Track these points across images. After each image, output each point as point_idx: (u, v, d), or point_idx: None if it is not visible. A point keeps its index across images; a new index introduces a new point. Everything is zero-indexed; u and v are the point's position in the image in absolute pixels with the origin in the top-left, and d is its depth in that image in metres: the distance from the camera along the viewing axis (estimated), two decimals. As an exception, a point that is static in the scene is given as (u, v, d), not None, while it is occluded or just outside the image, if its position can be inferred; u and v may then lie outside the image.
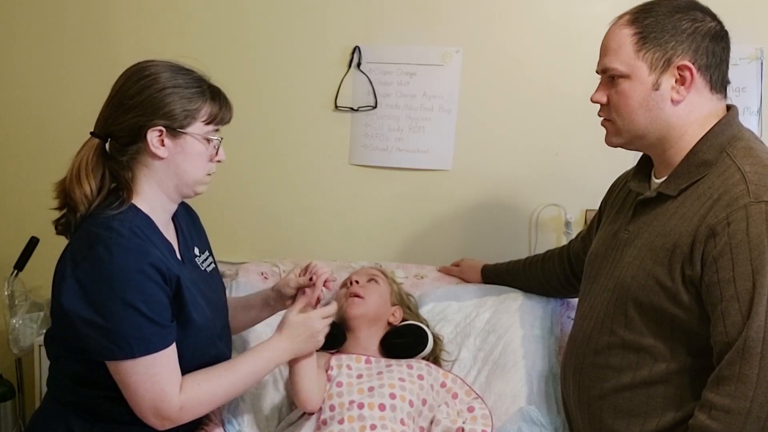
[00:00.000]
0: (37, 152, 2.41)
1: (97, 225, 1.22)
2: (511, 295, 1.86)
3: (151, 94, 1.25)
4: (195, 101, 1.29)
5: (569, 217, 2.13)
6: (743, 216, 1.16)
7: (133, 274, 1.19)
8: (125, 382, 1.22)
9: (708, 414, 1.15)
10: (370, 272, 1.82)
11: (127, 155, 1.27)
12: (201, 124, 1.29)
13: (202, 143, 1.30)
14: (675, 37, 1.26)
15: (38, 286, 2.37)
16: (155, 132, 1.25)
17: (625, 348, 1.32)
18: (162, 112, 1.25)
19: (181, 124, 1.27)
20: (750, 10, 2.01)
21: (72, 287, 1.18)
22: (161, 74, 1.28)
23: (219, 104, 1.33)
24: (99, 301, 1.18)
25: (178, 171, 1.29)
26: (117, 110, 1.27)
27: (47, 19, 2.35)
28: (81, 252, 1.21)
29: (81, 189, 1.24)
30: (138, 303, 1.18)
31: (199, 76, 1.34)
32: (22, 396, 2.29)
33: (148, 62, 1.31)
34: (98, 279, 1.18)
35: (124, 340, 1.18)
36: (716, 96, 1.31)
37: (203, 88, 1.31)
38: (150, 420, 1.25)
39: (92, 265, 1.18)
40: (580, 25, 2.06)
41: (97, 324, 1.18)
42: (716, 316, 1.17)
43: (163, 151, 1.26)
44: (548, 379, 1.65)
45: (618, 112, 1.32)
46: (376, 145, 2.21)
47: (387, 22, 2.18)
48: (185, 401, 1.26)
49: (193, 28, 2.28)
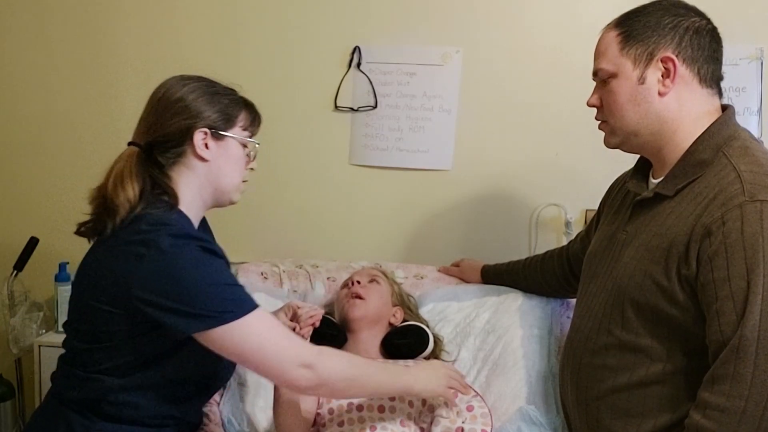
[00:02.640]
0: (37, 153, 2.41)
1: (150, 222, 1.25)
2: (510, 295, 1.86)
3: (196, 98, 1.33)
4: (233, 107, 1.38)
5: (569, 217, 2.13)
6: (738, 215, 1.16)
7: (201, 254, 1.23)
8: (246, 348, 1.23)
9: (703, 413, 1.14)
10: (371, 273, 1.82)
11: (170, 159, 1.33)
12: (239, 129, 1.38)
13: (241, 148, 1.39)
14: (657, 31, 1.29)
15: (38, 286, 2.37)
16: (201, 133, 1.32)
17: (622, 348, 1.32)
18: (206, 114, 1.33)
19: (223, 127, 1.35)
20: (750, 10, 2.01)
21: (146, 278, 1.20)
22: (201, 82, 1.37)
23: (253, 113, 1.43)
24: (180, 287, 1.20)
25: (219, 174, 1.36)
26: (163, 115, 1.33)
27: (48, 19, 2.36)
28: (142, 245, 1.22)
29: (124, 193, 1.26)
30: (217, 277, 1.23)
31: (233, 87, 1.42)
32: (22, 396, 2.29)
33: (183, 75, 1.39)
34: (172, 264, 1.21)
35: (221, 307, 1.21)
36: (707, 90, 1.31)
37: (239, 98, 1.41)
38: (294, 373, 1.24)
39: (160, 254, 1.21)
40: (580, 25, 2.06)
41: (185, 305, 1.19)
42: (711, 315, 1.17)
43: (207, 152, 1.33)
44: (548, 379, 1.65)
45: (610, 111, 1.35)
46: (376, 145, 2.21)
47: (387, 22, 2.18)
48: (322, 348, 1.31)
49: (193, 29, 2.28)
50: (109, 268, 1.25)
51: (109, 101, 2.35)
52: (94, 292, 1.26)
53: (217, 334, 1.21)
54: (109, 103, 2.35)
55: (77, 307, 1.33)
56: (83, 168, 2.39)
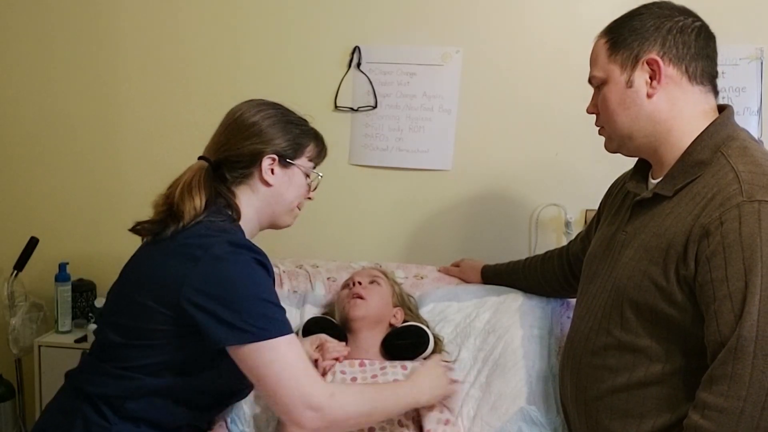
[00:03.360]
0: (37, 153, 2.42)
1: (210, 228, 1.29)
2: (511, 295, 1.86)
3: (270, 125, 1.39)
4: (304, 137, 1.43)
5: (569, 217, 2.13)
6: (736, 215, 1.16)
7: (254, 266, 1.26)
8: (267, 372, 1.22)
9: (701, 414, 1.14)
10: (371, 273, 1.82)
11: (236, 177, 1.38)
12: (305, 159, 1.43)
13: (304, 177, 1.43)
14: (641, 35, 1.31)
15: (38, 286, 2.37)
16: (269, 159, 1.37)
17: (621, 349, 1.32)
18: (276, 141, 1.38)
19: (291, 156, 1.40)
20: (750, 10, 2.02)
21: (197, 280, 1.22)
22: (276, 109, 1.42)
23: (321, 145, 1.47)
24: (228, 293, 1.22)
25: (279, 199, 1.41)
26: (235, 137, 1.38)
27: (48, 19, 2.36)
28: (199, 248, 1.25)
29: (191, 202, 1.30)
30: (263, 292, 1.26)
31: (305, 117, 1.47)
32: (22, 396, 2.29)
33: (260, 99, 1.45)
34: (225, 270, 1.23)
35: (259, 323, 1.22)
36: (699, 88, 1.31)
37: (309, 128, 1.45)
38: (300, 414, 1.23)
39: (215, 259, 1.23)
40: (580, 26, 2.06)
41: (229, 312, 1.21)
42: (709, 315, 1.16)
43: (272, 178, 1.38)
44: (548, 379, 1.65)
45: (604, 116, 1.37)
46: (376, 145, 2.21)
47: (387, 22, 2.18)
48: (335, 389, 1.32)
49: (193, 29, 2.28)
50: (163, 267, 1.27)
51: (109, 101, 2.36)
52: (142, 289, 1.28)
53: (247, 350, 1.22)
54: (109, 104, 2.36)
55: (121, 300, 1.33)
56: (83, 168, 2.40)
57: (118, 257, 2.40)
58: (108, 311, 1.37)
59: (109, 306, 1.38)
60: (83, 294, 2.31)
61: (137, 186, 2.36)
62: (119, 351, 1.30)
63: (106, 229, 2.39)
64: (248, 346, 1.21)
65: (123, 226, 2.38)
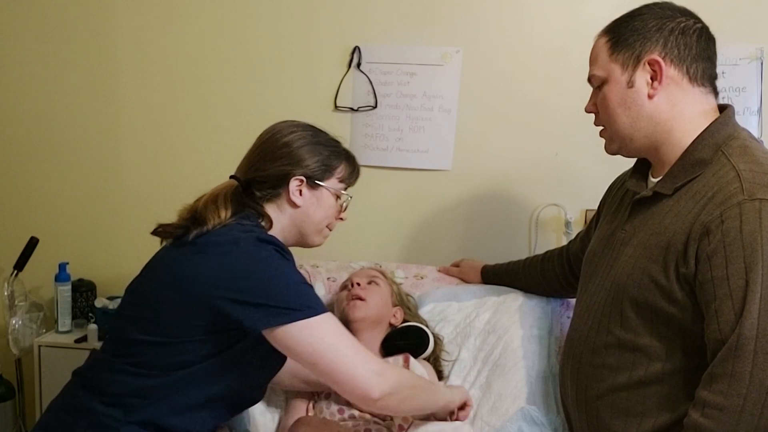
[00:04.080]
0: (37, 153, 2.42)
1: (238, 228, 1.31)
2: (510, 295, 1.86)
3: (300, 146, 1.40)
4: (334, 159, 1.43)
5: (569, 217, 2.13)
6: (737, 214, 1.16)
7: (280, 257, 1.28)
8: (322, 349, 1.23)
9: (701, 412, 1.14)
10: (370, 274, 1.82)
11: (265, 195, 1.40)
12: (336, 180, 1.44)
13: (334, 198, 1.44)
14: (643, 35, 1.31)
15: (38, 286, 2.38)
16: (296, 181, 1.39)
17: (621, 347, 1.32)
18: (305, 163, 1.39)
19: (320, 177, 1.41)
20: (750, 10, 2.02)
21: (227, 274, 1.24)
22: (307, 131, 1.43)
23: (353, 166, 1.48)
24: (260, 281, 1.24)
25: (306, 220, 1.42)
26: (266, 157, 1.41)
27: (48, 19, 2.36)
28: (230, 244, 1.27)
29: (216, 212, 1.33)
30: (293, 276, 1.28)
31: (337, 139, 1.48)
32: (22, 396, 2.29)
33: (294, 121, 1.46)
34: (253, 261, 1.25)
35: (296, 303, 1.23)
36: (699, 89, 1.31)
37: (341, 150, 1.47)
38: (369, 379, 1.24)
39: (243, 254, 1.25)
40: (580, 25, 2.06)
41: (264, 298, 1.23)
42: (710, 313, 1.17)
43: (300, 199, 1.40)
44: (548, 379, 1.65)
45: (605, 116, 1.37)
46: (376, 145, 2.21)
47: (387, 22, 2.18)
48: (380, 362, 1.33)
49: (193, 29, 2.28)
50: (192, 263, 1.28)
51: (109, 102, 2.36)
52: (170, 284, 1.28)
53: (291, 332, 1.23)
54: (109, 104, 2.36)
55: (145, 296, 1.33)
56: (83, 168, 2.40)
57: (118, 257, 2.43)
58: (128, 307, 1.36)
59: (129, 302, 1.37)
60: (83, 294, 2.31)
61: (137, 186, 2.36)
62: (138, 347, 1.29)
63: (106, 229, 2.39)
64: (289, 327, 1.22)
65: (123, 226, 2.41)
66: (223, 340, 1.27)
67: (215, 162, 2.31)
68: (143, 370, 1.27)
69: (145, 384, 1.27)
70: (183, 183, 2.33)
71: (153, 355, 1.28)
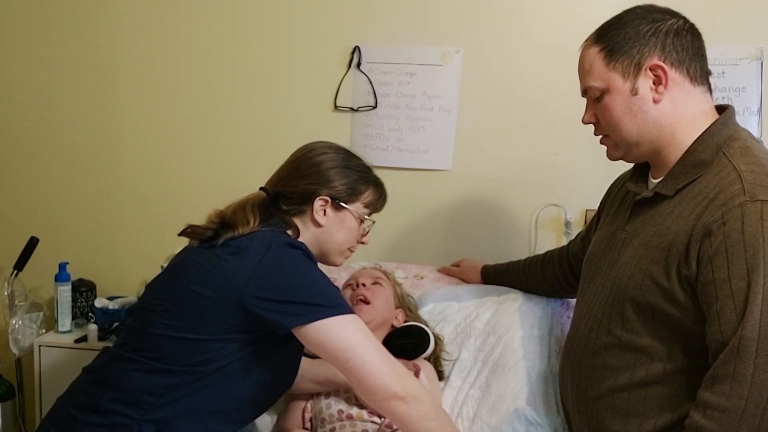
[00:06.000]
0: (37, 153, 2.42)
1: (268, 233, 1.35)
2: (511, 295, 1.86)
3: (328, 168, 1.43)
4: (362, 184, 1.47)
5: (569, 217, 2.13)
6: (738, 215, 1.16)
7: (307, 260, 1.34)
8: (354, 346, 1.27)
9: (703, 413, 1.14)
10: (373, 274, 1.82)
11: (291, 210, 1.43)
12: (360, 205, 1.47)
13: (357, 222, 1.47)
14: (639, 41, 1.29)
15: (38, 286, 2.37)
16: (321, 201, 1.42)
17: (622, 348, 1.32)
18: (332, 184, 1.43)
19: (345, 200, 1.44)
20: (750, 10, 2.01)
21: (258, 277, 1.27)
22: (339, 154, 1.47)
23: (380, 193, 1.51)
24: (289, 282, 1.28)
25: (328, 239, 1.45)
26: (294, 174, 1.45)
27: (48, 20, 2.36)
28: (261, 249, 1.30)
29: (245, 218, 1.37)
30: (320, 278, 1.33)
31: (368, 165, 1.51)
32: (22, 396, 2.29)
33: (329, 143, 1.50)
34: (282, 263, 1.29)
35: (325, 301, 1.28)
36: (699, 88, 1.32)
37: (370, 176, 1.50)
38: (392, 378, 1.27)
39: (273, 257, 1.29)
40: (580, 26, 2.05)
41: (293, 296, 1.27)
42: (711, 315, 1.17)
43: (323, 219, 1.43)
44: (548, 380, 1.65)
45: (609, 126, 1.35)
46: (376, 145, 2.21)
47: (387, 22, 2.18)
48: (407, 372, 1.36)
49: (193, 29, 2.28)
50: (224, 262, 1.30)
51: (108, 102, 2.36)
52: (200, 280, 1.30)
53: (323, 328, 1.26)
54: (109, 104, 2.36)
55: (171, 290, 1.34)
56: (83, 168, 2.40)
57: (118, 257, 2.43)
58: (152, 301, 1.35)
59: (154, 296, 1.36)
60: (83, 294, 2.31)
61: (137, 186, 2.36)
62: (160, 341, 1.29)
63: (106, 229, 2.39)
64: (321, 324, 1.26)
65: (123, 226, 2.41)
66: (247, 341, 1.29)
67: (215, 162, 2.32)
68: (162, 365, 1.28)
69: (161, 381, 1.27)
70: (183, 183, 2.34)
71: (174, 349, 1.28)
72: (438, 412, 1.37)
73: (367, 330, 1.32)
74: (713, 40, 1.36)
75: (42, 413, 2.14)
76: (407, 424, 1.30)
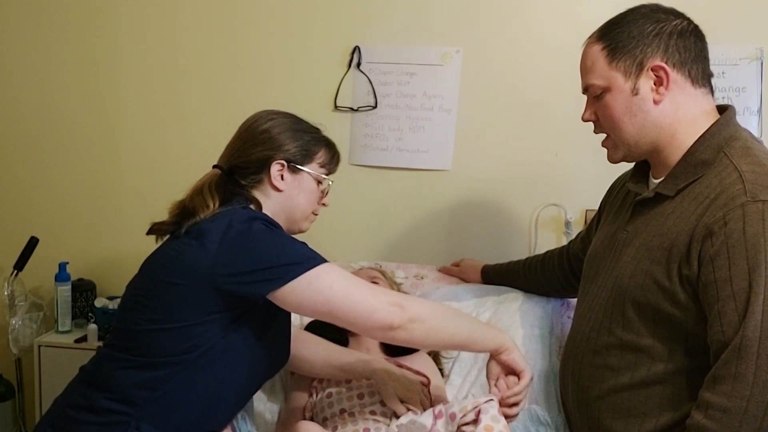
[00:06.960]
0: (37, 153, 2.42)
1: (231, 212, 1.34)
2: (511, 295, 1.86)
3: (279, 132, 1.43)
4: (314, 145, 1.46)
5: (569, 217, 2.13)
6: (740, 215, 1.16)
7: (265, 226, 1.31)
8: (336, 296, 1.26)
9: (704, 413, 1.14)
10: (370, 274, 1.82)
11: (249, 183, 1.43)
12: (316, 165, 1.47)
13: (315, 183, 1.46)
14: (642, 41, 1.29)
15: (38, 286, 2.37)
16: (277, 165, 1.41)
17: (623, 348, 1.32)
18: (285, 148, 1.43)
19: (300, 162, 1.44)
20: (750, 10, 2.02)
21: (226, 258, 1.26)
22: (287, 118, 1.47)
23: (332, 152, 1.50)
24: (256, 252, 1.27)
25: (291, 204, 1.44)
26: (246, 143, 1.44)
27: (47, 20, 2.36)
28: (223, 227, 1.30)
29: (203, 202, 1.36)
30: (284, 238, 1.32)
31: (317, 126, 1.51)
32: (22, 396, 2.29)
33: (274, 109, 1.50)
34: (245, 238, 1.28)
35: (295, 260, 1.26)
36: (700, 90, 1.31)
37: (320, 136, 1.50)
38: (385, 311, 1.26)
39: (238, 234, 1.28)
40: (580, 25, 2.05)
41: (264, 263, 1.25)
42: (713, 315, 1.17)
43: (282, 183, 1.42)
44: (549, 379, 1.65)
45: (608, 125, 1.35)
46: (376, 145, 2.21)
47: (387, 22, 2.18)
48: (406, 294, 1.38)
49: (193, 29, 2.28)
50: (189, 248, 1.29)
51: (108, 102, 2.36)
52: (169, 269, 1.30)
53: (297, 288, 1.25)
54: (108, 104, 2.36)
55: (146, 285, 1.34)
56: (83, 168, 2.40)
57: (118, 257, 2.43)
58: (130, 300, 1.36)
59: (131, 296, 1.37)
60: (83, 294, 2.31)
61: (137, 186, 2.36)
62: (145, 337, 1.30)
63: (106, 229, 2.39)
64: (295, 284, 1.25)
65: (123, 226, 2.41)
66: (228, 320, 1.29)
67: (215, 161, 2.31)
68: (150, 359, 1.28)
69: (152, 375, 1.28)
70: (183, 183, 2.31)
71: (158, 342, 1.29)
72: (444, 322, 1.34)
73: (343, 273, 1.31)
74: (713, 40, 1.35)
75: (42, 413, 2.14)
76: (416, 345, 1.35)
